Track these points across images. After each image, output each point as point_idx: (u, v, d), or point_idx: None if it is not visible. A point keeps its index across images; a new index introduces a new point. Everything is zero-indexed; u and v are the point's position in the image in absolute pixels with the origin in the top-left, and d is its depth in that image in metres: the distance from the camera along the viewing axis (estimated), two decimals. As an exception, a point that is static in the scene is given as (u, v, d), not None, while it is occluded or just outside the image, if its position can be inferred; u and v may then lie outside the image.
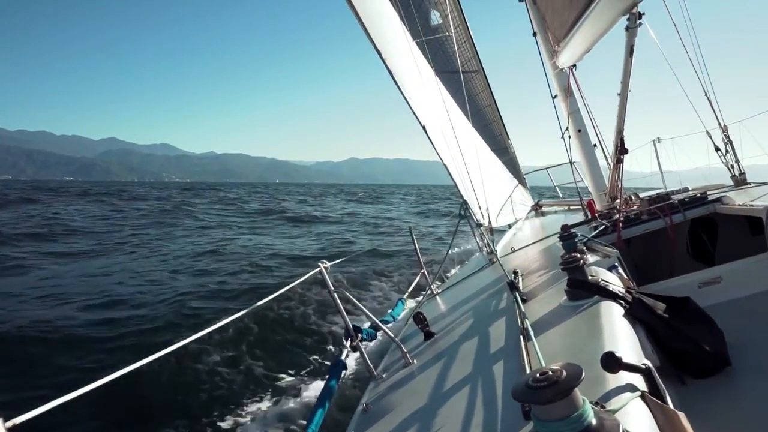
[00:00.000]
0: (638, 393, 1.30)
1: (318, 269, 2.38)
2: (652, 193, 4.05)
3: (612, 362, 1.37)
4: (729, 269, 2.78)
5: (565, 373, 0.95)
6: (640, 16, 2.91)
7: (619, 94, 3.39)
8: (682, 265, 3.17)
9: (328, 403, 1.95)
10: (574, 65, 4.13)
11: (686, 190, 4.21)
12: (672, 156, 5.46)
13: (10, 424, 0.65)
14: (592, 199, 4.35)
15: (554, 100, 4.50)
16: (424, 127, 3.51)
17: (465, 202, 3.95)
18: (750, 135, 4.29)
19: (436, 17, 6.44)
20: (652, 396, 1.33)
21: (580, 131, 4.36)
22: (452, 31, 6.75)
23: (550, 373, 0.96)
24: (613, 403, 1.22)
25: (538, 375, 0.97)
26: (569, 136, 4.32)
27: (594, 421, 0.94)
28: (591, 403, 1.02)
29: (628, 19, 2.94)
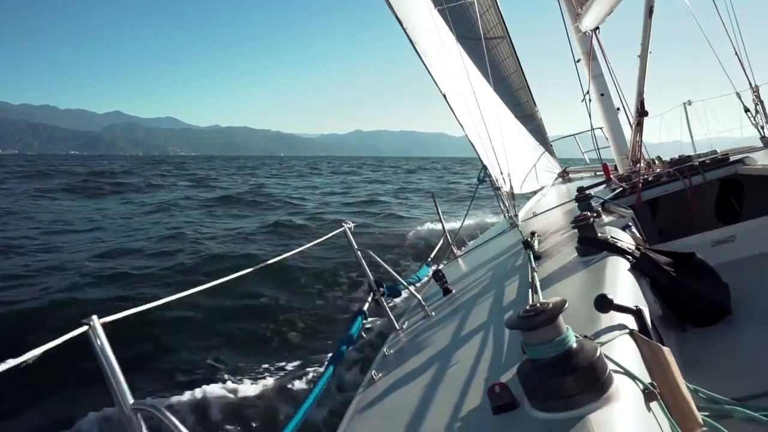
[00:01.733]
0: (626, 330, 1.45)
1: (342, 228, 2.58)
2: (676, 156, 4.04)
3: (604, 303, 1.52)
4: (743, 228, 2.82)
5: (550, 305, 1.12)
6: None
7: (639, 56, 3.37)
8: (704, 225, 3.21)
9: (345, 349, 2.17)
10: (597, 28, 4.07)
11: (714, 153, 4.17)
12: (703, 119, 5.34)
13: (102, 320, 0.85)
14: (606, 163, 4.35)
15: (577, 64, 4.46)
16: (444, 95, 3.60)
17: (484, 167, 4.05)
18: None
19: (460, -18, 6.35)
20: (641, 334, 1.48)
21: (603, 95, 4.33)
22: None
23: (538, 305, 1.13)
24: (603, 338, 1.38)
25: (527, 307, 1.14)
26: (590, 100, 4.30)
27: (575, 345, 1.10)
28: (583, 336, 1.18)
29: None
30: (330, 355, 2.09)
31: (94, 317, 0.81)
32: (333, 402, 3.62)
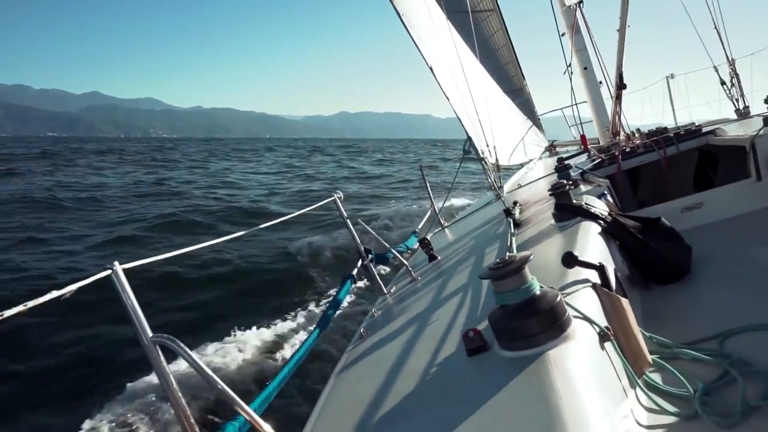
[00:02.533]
0: (590, 284, 1.61)
1: (332, 198, 2.70)
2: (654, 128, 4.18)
3: (569, 259, 1.68)
4: (710, 196, 3.00)
5: (517, 258, 1.27)
6: None
7: (618, 30, 3.47)
8: (682, 193, 3.38)
9: (333, 312, 2.32)
10: (582, 2, 4.14)
11: (692, 125, 4.32)
12: (684, 93, 5.47)
13: (124, 266, 0.97)
14: (584, 135, 4.49)
15: (561, 38, 4.54)
16: (431, 68, 3.67)
17: (469, 138, 4.16)
18: (761, 68, 4.30)
19: (450, -46, 6.29)
20: (603, 287, 1.64)
21: (586, 69, 4.43)
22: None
23: (507, 258, 1.28)
24: (568, 290, 1.54)
25: (497, 260, 1.29)
26: (571, 73, 4.40)
27: (538, 292, 1.26)
28: (550, 288, 1.33)
29: None
30: (320, 315, 2.25)
31: (116, 263, 0.93)
32: (328, 357, 3.92)
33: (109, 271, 0.91)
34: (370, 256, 2.77)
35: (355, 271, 2.59)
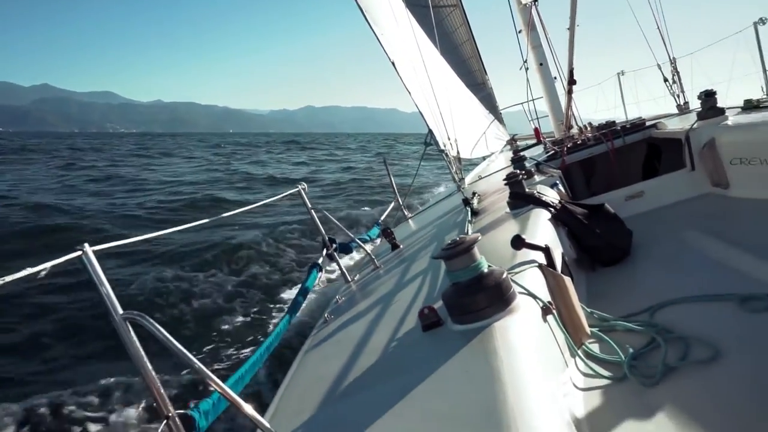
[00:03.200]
0: (536, 264, 1.75)
1: (297, 189, 2.76)
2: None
3: (517, 242, 1.81)
4: (650, 185, 3.24)
5: (466, 239, 1.38)
6: None
7: (568, 29, 3.67)
8: (628, 182, 3.61)
9: (302, 299, 2.39)
10: (537, 0, 4.33)
11: (640, 119, 4.60)
12: (634, 89, 5.79)
13: (93, 248, 1.01)
14: (537, 128, 4.72)
15: (519, 35, 4.73)
16: (393, 63, 3.77)
17: (430, 131, 4.29)
18: (700, 67, 4.62)
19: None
20: (548, 267, 1.78)
21: (542, 65, 4.64)
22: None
23: (458, 239, 1.39)
24: (516, 269, 1.67)
25: (449, 242, 1.39)
26: (527, 69, 4.60)
27: (486, 270, 1.37)
28: (499, 267, 1.45)
29: None
30: (289, 303, 2.31)
31: (86, 245, 0.97)
32: (296, 343, 3.97)
33: (79, 252, 0.96)
34: (334, 245, 2.85)
35: (320, 260, 2.66)
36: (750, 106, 3.21)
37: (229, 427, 2.81)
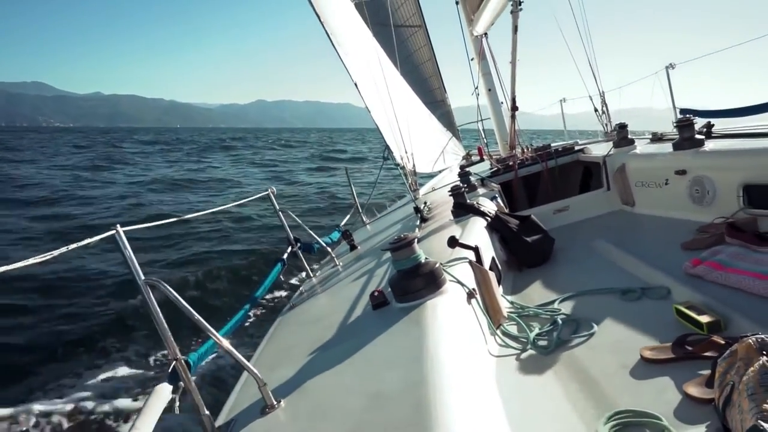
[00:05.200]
0: (467, 260, 2.16)
1: (266, 192, 3.07)
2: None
3: (452, 241, 2.23)
4: (574, 201, 3.79)
5: (409, 236, 1.77)
6: (519, 3, 3.72)
7: (510, 63, 4.21)
8: (563, 197, 4.12)
9: (265, 288, 2.68)
10: (486, 34, 4.86)
11: (576, 143, 5.20)
12: (572, 114, 6.44)
13: (124, 228, 1.29)
14: (480, 146, 5.24)
15: (471, 62, 5.24)
16: (356, 84, 4.13)
17: (387, 147, 4.69)
18: (628, 102, 5.31)
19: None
20: (476, 263, 2.20)
21: (490, 90, 5.17)
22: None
23: (402, 236, 1.77)
24: (451, 263, 2.07)
25: (395, 238, 1.77)
26: (478, 94, 5.12)
27: (423, 261, 1.76)
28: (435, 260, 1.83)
29: (512, 5, 3.73)
30: (251, 293, 2.61)
31: (118, 225, 1.27)
32: (262, 327, 4.50)
33: (113, 231, 1.26)
34: (298, 244, 3.17)
35: (285, 256, 2.97)
36: (656, 138, 3.82)
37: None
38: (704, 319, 1.69)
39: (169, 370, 1.28)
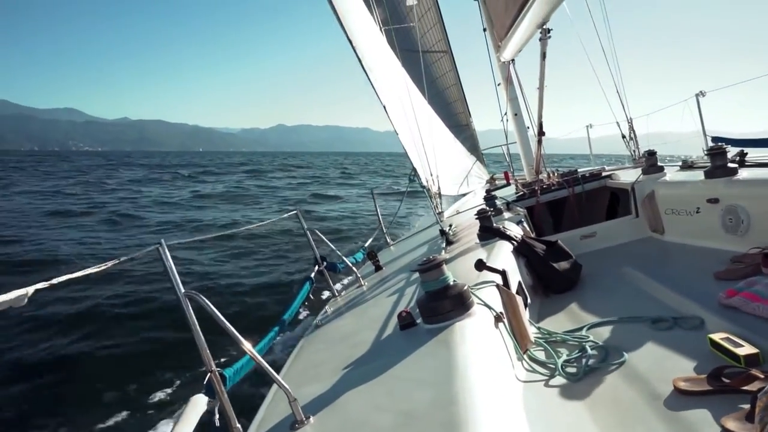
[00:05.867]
0: (494, 283, 2.16)
1: (294, 212, 3.14)
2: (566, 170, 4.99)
3: (479, 265, 2.24)
4: (601, 227, 3.74)
5: (438, 258, 1.79)
6: (548, 31, 3.77)
7: (537, 89, 4.24)
8: (590, 223, 4.08)
9: (294, 308, 2.74)
10: (513, 60, 4.93)
11: (603, 169, 5.16)
12: (602, 140, 6.41)
13: (169, 243, 1.35)
14: (507, 171, 5.25)
15: (498, 87, 5.31)
16: (384, 107, 4.22)
17: (414, 170, 4.75)
18: (655, 126, 5.26)
19: (411, -1, 6.98)
20: (504, 286, 2.20)
21: (516, 115, 5.21)
22: (423, 14, 7.40)
23: (431, 257, 1.79)
24: (478, 286, 2.07)
25: (424, 259, 1.80)
26: (507, 120, 5.17)
27: (451, 283, 1.78)
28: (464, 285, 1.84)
29: (540, 33, 3.79)
30: (282, 311, 2.66)
31: (162, 240, 1.33)
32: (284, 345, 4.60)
33: (157, 245, 1.32)
34: (325, 263, 3.22)
35: (312, 275, 3.03)
36: (686, 165, 3.76)
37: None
38: (742, 351, 1.64)
39: (205, 382, 1.32)
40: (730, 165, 3.00)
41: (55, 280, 1.03)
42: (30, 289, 0.93)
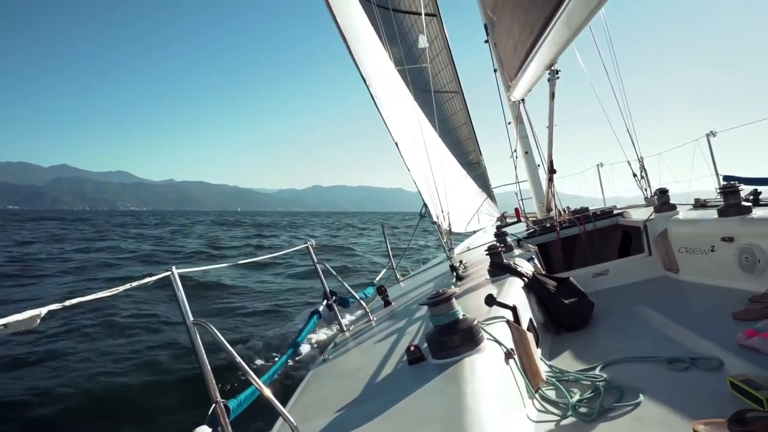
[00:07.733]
0: (504, 319, 2.13)
1: (306, 244, 3.16)
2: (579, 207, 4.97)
3: (490, 300, 2.21)
4: (614, 265, 3.69)
5: (447, 292, 1.78)
6: (557, 72, 3.87)
7: (547, 128, 4.31)
8: (601, 260, 4.02)
9: (301, 340, 2.71)
10: (523, 99, 5.03)
11: (614, 207, 5.14)
12: (612, 179, 6.41)
13: (179, 271, 1.37)
14: (517, 208, 5.25)
15: (508, 126, 5.39)
16: (396, 144, 4.31)
17: (425, 205, 4.78)
18: (665, 165, 5.26)
19: (423, 41, 7.24)
20: (514, 323, 2.16)
21: (527, 153, 5.26)
22: (435, 56, 7.64)
23: (440, 291, 1.79)
24: (488, 322, 2.04)
25: (433, 293, 1.79)
26: (516, 157, 5.22)
27: (461, 317, 1.76)
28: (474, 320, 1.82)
29: (549, 73, 3.89)
30: (289, 344, 2.64)
31: (173, 267, 1.35)
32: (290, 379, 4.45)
33: (168, 273, 1.34)
34: (334, 297, 3.21)
35: (321, 308, 3.01)
36: (699, 204, 3.73)
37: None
38: (765, 394, 1.58)
39: (209, 413, 1.31)
40: (744, 204, 2.98)
41: (67, 302, 1.05)
42: (43, 310, 0.95)
